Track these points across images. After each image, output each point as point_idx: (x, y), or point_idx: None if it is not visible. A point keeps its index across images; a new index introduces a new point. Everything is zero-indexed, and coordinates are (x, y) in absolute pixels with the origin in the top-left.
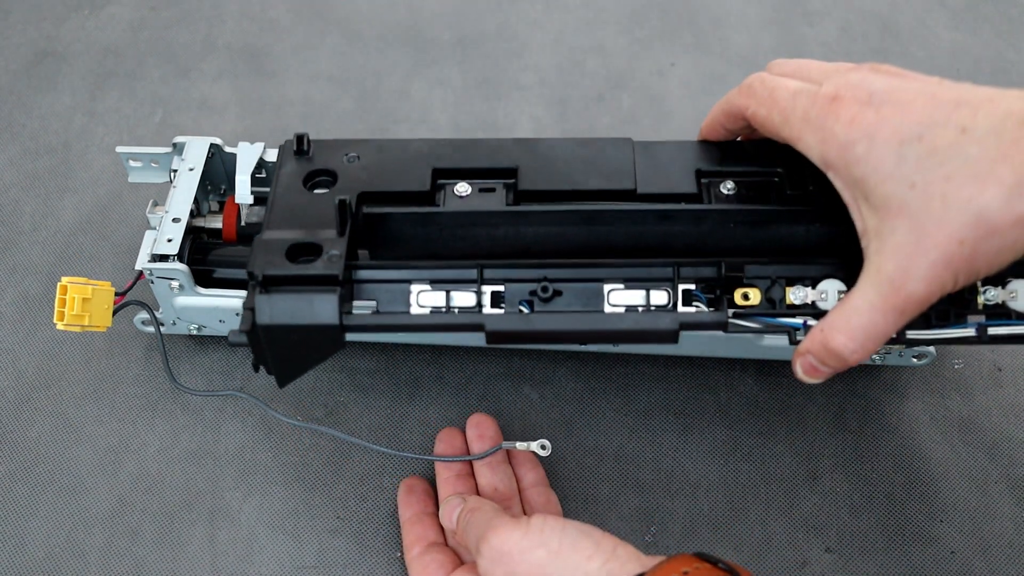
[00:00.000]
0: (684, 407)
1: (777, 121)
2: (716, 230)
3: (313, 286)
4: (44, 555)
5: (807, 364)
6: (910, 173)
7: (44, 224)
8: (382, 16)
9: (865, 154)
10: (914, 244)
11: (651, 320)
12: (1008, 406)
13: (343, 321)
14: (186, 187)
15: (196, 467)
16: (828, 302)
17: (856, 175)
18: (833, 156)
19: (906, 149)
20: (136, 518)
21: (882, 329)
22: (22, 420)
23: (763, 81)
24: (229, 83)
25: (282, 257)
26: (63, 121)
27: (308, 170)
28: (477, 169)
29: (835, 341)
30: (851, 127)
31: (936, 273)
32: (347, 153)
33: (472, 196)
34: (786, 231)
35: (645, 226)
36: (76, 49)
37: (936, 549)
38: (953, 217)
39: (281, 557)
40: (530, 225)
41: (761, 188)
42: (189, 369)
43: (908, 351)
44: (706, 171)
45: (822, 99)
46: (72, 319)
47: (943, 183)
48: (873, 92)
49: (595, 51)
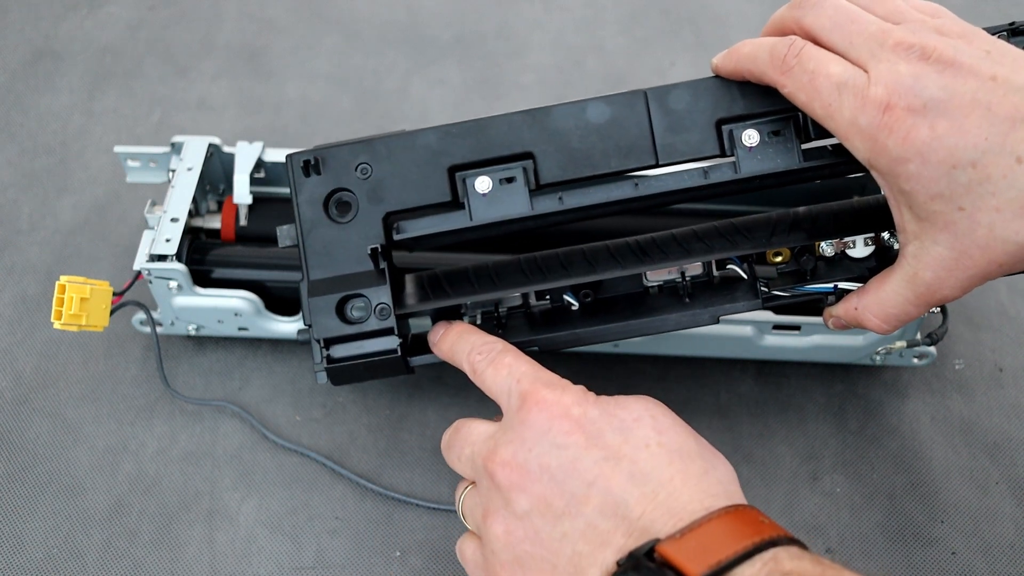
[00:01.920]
0: (684, 407)
1: (820, 114)
2: (741, 187)
3: (372, 338)
4: (42, 556)
5: (838, 323)
6: (960, 197)
7: (42, 224)
8: (381, 16)
9: (917, 173)
10: (954, 260)
11: (692, 318)
12: (1009, 406)
13: (408, 363)
14: (184, 187)
15: (194, 468)
16: (856, 249)
17: (905, 188)
18: (882, 166)
19: (958, 173)
20: (134, 519)
21: (913, 316)
22: (20, 421)
23: (800, 60)
24: (228, 83)
25: (333, 315)
26: (61, 121)
27: (325, 193)
28: (492, 158)
29: (869, 322)
30: (904, 144)
31: (971, 284)
32: (356, 163)
33: (494, 191)
34: (811, 176)
35: (671, 198)
36: (74, 49)
37: (937, 550)
38: (997, 246)
39: (280, 558)
40: (557, 218)
41: (785, 128)
42: (187, 370)
43: (909, 351)
44: (727, 118)
45: (872, 106)
46: (69, 318)
47: (992, 212)
48: (928, 101)
49: (595, 51)
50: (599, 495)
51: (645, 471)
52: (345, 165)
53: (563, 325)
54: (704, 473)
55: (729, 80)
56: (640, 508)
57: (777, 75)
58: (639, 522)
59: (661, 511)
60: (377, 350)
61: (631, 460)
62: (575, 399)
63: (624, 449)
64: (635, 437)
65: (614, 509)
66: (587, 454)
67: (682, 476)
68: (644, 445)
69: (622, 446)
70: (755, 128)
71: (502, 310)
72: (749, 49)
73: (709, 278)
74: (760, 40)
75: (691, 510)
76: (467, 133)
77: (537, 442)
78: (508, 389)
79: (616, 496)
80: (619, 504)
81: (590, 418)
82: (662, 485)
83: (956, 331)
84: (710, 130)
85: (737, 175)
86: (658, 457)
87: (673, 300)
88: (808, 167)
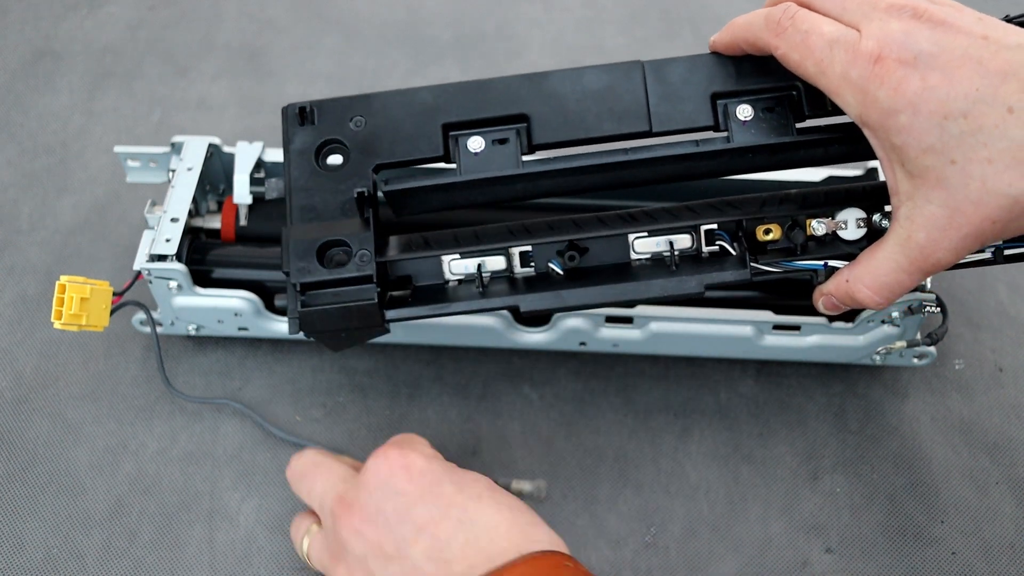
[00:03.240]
0: (684, 407)
1: (812, 71)
2: (734, 161)
3: (349, 286)
4: (42, 556)
5: (829, 302)
6: (952, 149)
7: (42, 224)
8: (381, 15)
9: (908, 125)
10: (948, 218)
11: (678, 285)
12: (1009, 406)
13: (384, 315)
14: (184, 187)
15: (194, 468)
16: (848, 231)
17: (896, 143)
18: (873, 120)
19: (950, 124)
20: (134, 519)
21: (906, 286)
22: (20, 421)
23: (794, 22)
24: (228, 83)
25: (313, 259)
26: (61, 121)
27: (317, 143)
28: (487, 119)
29: (860, 294)
30: (895, 95)
31: (965, 245)
32: (352, 116)
33: (486, 151)
34: (805, 153)
35: (663, 167)
36: (74, 49)
37: (937, 550)
38: (991, 200)
39: (280, 558)
40: (548, 179)
41: (779, 106)
42: (187, 370)
43: (909, 351)
44: (722, 92)
45: (863, 58)
46: (69, 318)
47: (984, 164)
48: (919, 53)
49: (595, 51)
50: (427, 540)
51: (473, 518)
52: (340, 117)
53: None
54: (532, 525)
55: (726, 57)
56: (462, 553)
57: (771, 37)
58: (458, 566)
59: (481, 557)
60: (354, 298)
61: (462, 508)
62: (421, 456)
63: (457, 499)
64: (470, 489)
65: (439, 554)
66: (421, 502)
67: (508, 524)
68: (477, 496)
69: (455, 496)
70: (749, 104)
71: (485, 274)
72: (745, 18)
73: (697, 252)
74: (757, 11)
75: (508, 556)
76: (464, 92)
77: (378, 488)
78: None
79: (442, 541)
80: (444, 549)
81: (431, 470)
82: (486, 531)
83: (956, 331)
84: (705, 103)
85: (729, 144)
86: (488, 507)
87: (660, 269)
88: (801, 140)
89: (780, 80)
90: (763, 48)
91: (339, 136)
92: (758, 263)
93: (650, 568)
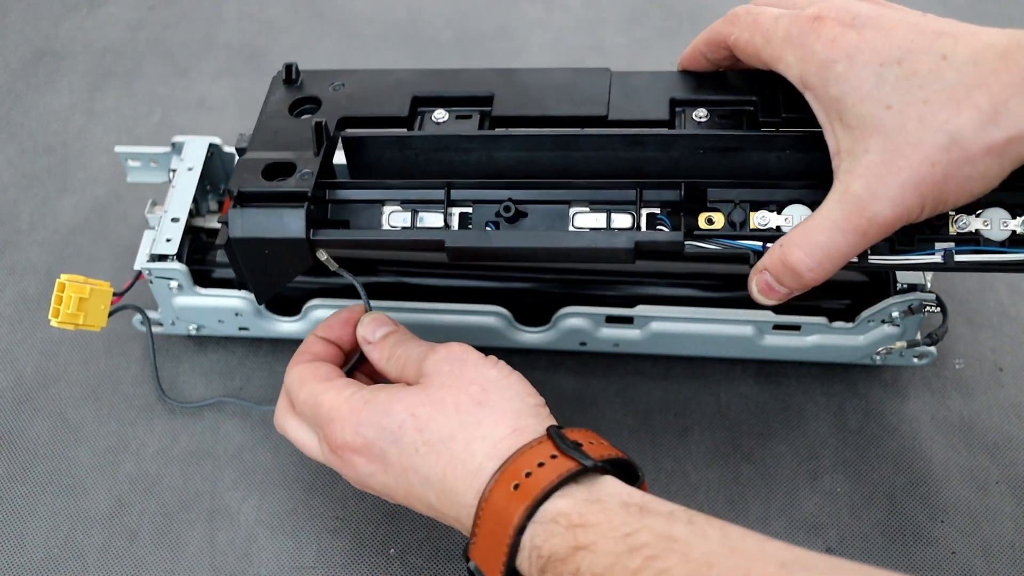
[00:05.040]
0: (684, 407)
1: (759, 43)
2: (686, 156)
3: (284, 203)
4: (43, 556)
5: (763, 282)
6: (887, 94)
7: (43, 224)
8: (381, 15)
9: (844, 73)
10: (886, 164)
11: (607, 239)
12: (1009, 406)
13: (310, 236)
14: (185, 187)
15: (195, 467)
16: (793, 222)
17: (834, 94)
18: (812, 74)
19: (885, 71)
20: (135, 518)
21: (842, 249)
22: (21, 420)
23: (747, 10)
24: (228, 82)
25: (258, 176)
26: (61, 121)
27: (295, 98)
28: (455, 97)
29: (793, 256)
30: (832, 46)
31: (904, 196)
32: (333, 82)
33: (448, 122)
34: (757, 158)
35: (615, 151)
36: (74, 49)
37: (937, 549)
38: (928, 138)
39: (280, 557)
40: (502, 150)
41: (734, 116)
42: (188, 370)
43: (909, 351)
44: (680, 99)
45: (804, 19)
46: (67, 317)
47: (920, 105)
48: (857, 14)
49: (595, 51)
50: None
51: (428, 476)
52: (323, 83)
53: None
54: (468, 443)
55: (690, 73)
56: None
57: (726, 26)
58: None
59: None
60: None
61: (413, 470)
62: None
63: (403, 462)
64: (406, 446)
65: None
66: (387, 477)
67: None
68: (414, 451)
69: (400, 459)
70: (706, 109)
71: (419, 222)
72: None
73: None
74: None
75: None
76: (439, 76)
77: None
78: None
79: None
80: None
81: (371, 443)
82: (442, 479)
83: (956, 331)
84: (663, 104)
85: (680, 131)
86: (426, 460)
87: None
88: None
89: (738, 94)
90: (719, 39)
91: (316, 94)
92: (693, 242)
93: None
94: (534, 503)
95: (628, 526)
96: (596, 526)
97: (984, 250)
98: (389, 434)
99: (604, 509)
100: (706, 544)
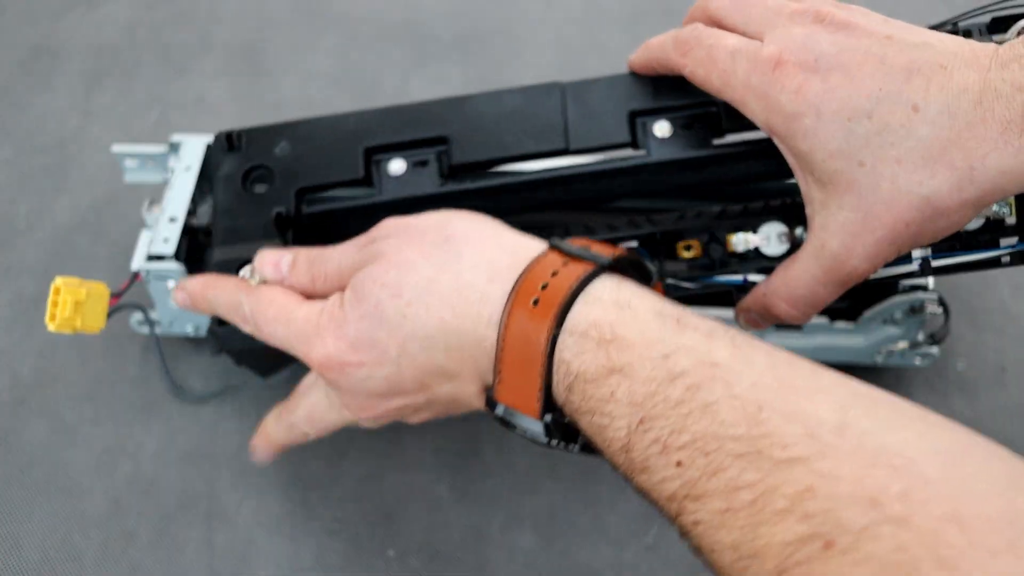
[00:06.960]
0: None
1: (717, 84)
2: (653, 178)
3: None
4: (39, 558)
5: (750, 319)
6: (858, 151)
7: (39, 223)
8: (381, 14)
9: (812, 128)
10: (860, 223)
11: None
12: (1013, 407)
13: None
14: (183, 186)
15: (193, 469)
16: (771, 246)
17: (803, 148)
18: (778, 124)
19: (855, 125)
20: (132, 520)
21: (823, 299)
22: (17, 421)
23: (699, 40)
24: (226, 81)
25: None
26: (58, 119)
27: (243, 169)
28: (408, 141)
29: (777, 308)
30: (797, 98)
31: (880, 250)
32: (278, 144)
33: (407, 174)
34: (725, 169)
35: (582, 184)
36: (71, 47)
37: None
38: (902, 200)
39: (279, 559)
40: (467, 200)
41: (698, 122)
42: (186, 370)
43: (911, 352)
44: (639, 110)
45: (764, 63)
46: (63, 321)
47: (893, 164)
48: (819, 55)
49: (596, 50)
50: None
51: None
52: (266, 144)
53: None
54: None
55: (645, 76)
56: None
57: (679, 57)
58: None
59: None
60: None
61: (410, 338)
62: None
63: (396, 337)
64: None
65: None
66: (389, 366)
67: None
68: (402, 318)
69: (392, 336)
70: (668, 120)
71: None
72: (658, 40)
73: None
74: (669, 31)
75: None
76: (387, 116)
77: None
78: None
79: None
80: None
81: (357, 338)
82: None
83: (958, 331)
84: (623, 120)
85: (646, 159)
86: (417, 320)
87: None
88: (717, 155)
89: (698, 97)
90: (673, 68)
91: (264, 162)
92: (676, 280)
93: (652, 568)
94: (560, 310)
95: (665, 344)
96: (631, 345)
97: (959, 253)
98: (369, 318)
99: (636, 317)
100: (752, 373)
